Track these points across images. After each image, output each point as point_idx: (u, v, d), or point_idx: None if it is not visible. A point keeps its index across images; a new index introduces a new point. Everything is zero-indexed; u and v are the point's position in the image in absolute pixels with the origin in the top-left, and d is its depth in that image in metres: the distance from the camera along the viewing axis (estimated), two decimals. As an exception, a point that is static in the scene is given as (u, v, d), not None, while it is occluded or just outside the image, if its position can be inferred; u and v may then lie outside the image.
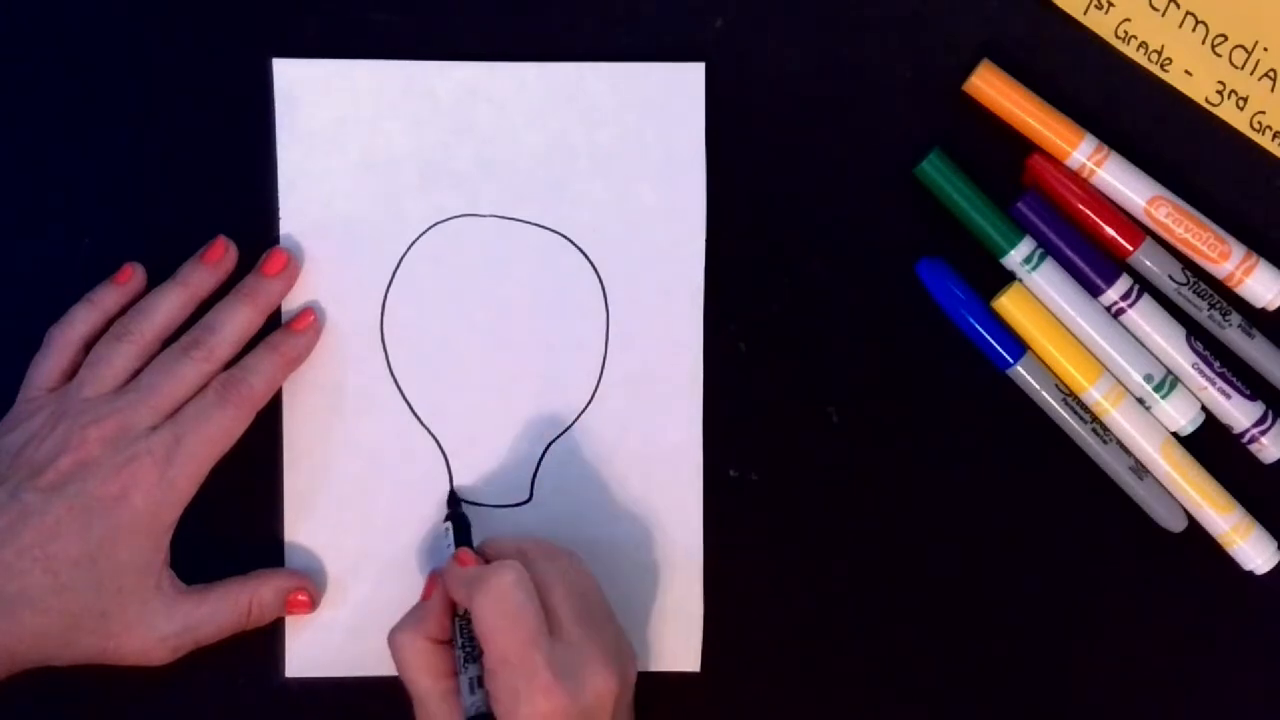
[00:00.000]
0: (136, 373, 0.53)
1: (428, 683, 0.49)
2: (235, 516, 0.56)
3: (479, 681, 0.49)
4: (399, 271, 0.56)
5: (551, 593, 0.49)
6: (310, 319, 0.55)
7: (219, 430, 0.52)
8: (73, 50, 0.56)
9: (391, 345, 0.56)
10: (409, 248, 0.56)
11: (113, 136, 0.56)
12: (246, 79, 0.56)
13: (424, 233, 0.56)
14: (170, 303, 0.54)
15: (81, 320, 0.54)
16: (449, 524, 0.54)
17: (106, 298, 0.54)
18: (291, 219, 0.56)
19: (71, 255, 0.56)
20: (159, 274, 0.55)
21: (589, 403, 0.56)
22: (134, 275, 0.55)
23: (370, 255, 0.56)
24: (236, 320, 0.54)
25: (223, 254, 0.55)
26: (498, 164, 0.56)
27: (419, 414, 0.56)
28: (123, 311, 0.54)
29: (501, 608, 0.47)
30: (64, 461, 0.51)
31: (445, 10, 0.56)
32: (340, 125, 0.56)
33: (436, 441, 0.56)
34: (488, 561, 0.51)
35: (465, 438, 0.56)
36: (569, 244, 0.56)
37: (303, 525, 0.56)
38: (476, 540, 0.54)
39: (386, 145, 0.56)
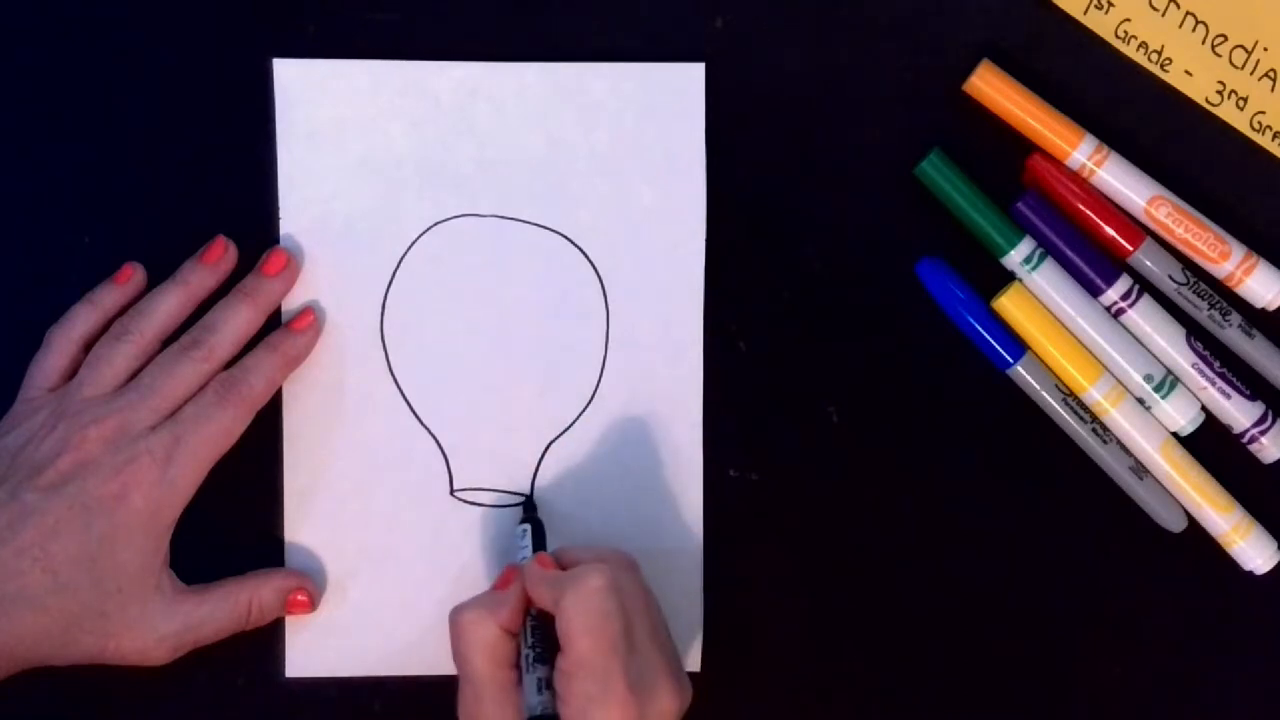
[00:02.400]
0: (136, 372, 0.53)
1: (489, 669, 0.49)
2: (235, 516, 0.56)
3: (546, 683, 0.48)
4: (399, 271, 0.56)
5: (631, 604, 0.49)
6: (310, 319, 0.55)
7: (219, 430, 0.52)
8: (73, 50, 0.56)
9: (391, 345, 0.56)
10: (409, 248, 0.56)
11: (113, 136, 0.56)
12: (246, 79, 0.56)
13: (424, 233, 0.56)
14: (170, 302, 0.54)
15: (81, 320, 0.54)
16: (526, 526, 0.54)
17: (106, 297, 0.54)
18: (291, 219, 0.56)
19: (71, 255, 0.56)
20: (159, 274, 0.55)
21: (589, 403, 0.56)
22: (134, 275, 0.55)
23: (370, 255, 0.56)
24: (236, 320, 0.54)
25: (222, 254, 0.55)
26: (498, 164, 0.56)
27: (419, 414, 0.56)
28: (123, 311, 0.54)
29: (589, 611, 0.47)
30: (64, 461, 0.51)
31: (445, 10, 0.56)
32: (340, 125, 0.56)
33: (436, 441, 0.56)
34: (562, 568, 0.51)
35: (465, 437, 0.56)
36: (569, 244, 0.56)
37: (303, 525, 0.56)
38: (550, 548, 0.54)
39: (386, 145, 0.56)
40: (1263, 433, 0.56)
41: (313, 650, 0.56)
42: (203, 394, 0.53)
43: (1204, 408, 0.56)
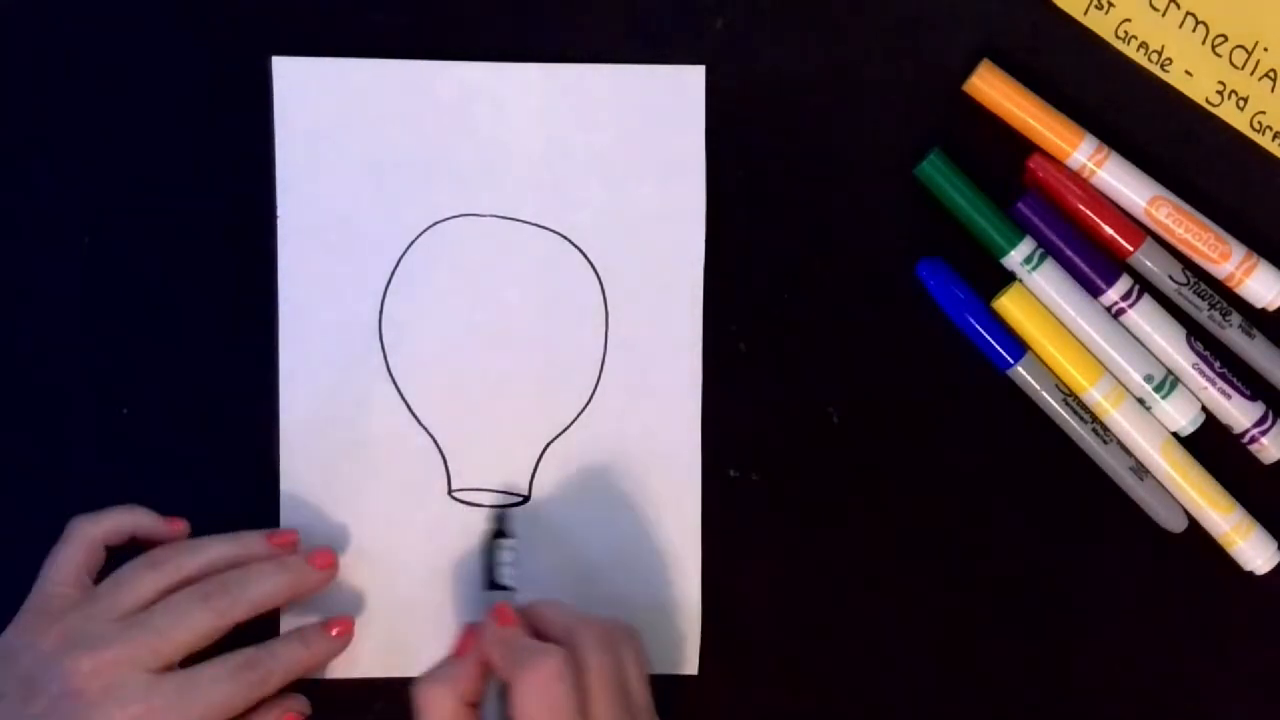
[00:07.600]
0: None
1: None
2: (235, 517, 0.55)
3: None
4: (398, 271, 0.56)
5: (593, 687, 0.47)
6: (349, 627, 0.54)
7: (225, 703, 0.50)
8: (72, 49, 0.56)
9: (390, 345, 0.56)
10: (408, 248, 0.56)
11: (112, 135, 0.56)
12: (246, 79, 0.56)
13: (424, 232, 0.56)
14: (224, 554, 0.52)
15: (111, 522, 0.52)
16: (512, 543, 0.53)
17: (143, 519, 0.53)
18: (291, 219, 0.56)
19: (71, 255, 0.56)
20: (159, 273, 0.55)
21: (588, 403, 0.56)
22: (181, 529, 0.53)
23: (370, 255, 0.56)
24: (266, 588, 0.51)
25: (287, 544, 0.54)
26: (498, 164, 0.56)
27: (417, 414, 0.56)
28: (148, 544, 0.52)
29: (541, 697, 0.46)
30: (55, 687, 0.48)
31: (445, 10, 0.56)
32: (340, 125, 0.56)
33: (435, 441, 0.56)
34: (533, 630, 0.50)
35: (464, 438, 0.56)
36: (569, 244, 0.56)
37: (301, 525, 0.56)
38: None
39: (386, 145, 0.56)
40: (1263, 433, 0.56)
41: (312, 650, 0.56)
42: (224, 662, 0.50)
43: (1204, 408, 0.56)
